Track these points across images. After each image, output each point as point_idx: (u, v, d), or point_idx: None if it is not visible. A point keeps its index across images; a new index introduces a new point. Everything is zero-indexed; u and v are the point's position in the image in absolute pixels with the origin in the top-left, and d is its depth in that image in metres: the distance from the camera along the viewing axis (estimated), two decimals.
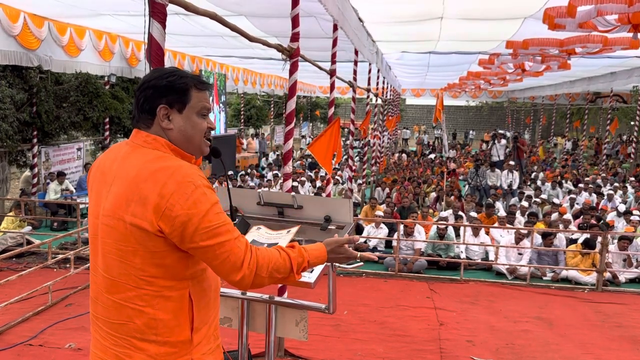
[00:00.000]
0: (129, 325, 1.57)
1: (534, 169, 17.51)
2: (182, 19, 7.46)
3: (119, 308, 1.57)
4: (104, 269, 1.59)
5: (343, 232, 2.41)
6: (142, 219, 1.50)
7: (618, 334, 5.38)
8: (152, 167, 1.54)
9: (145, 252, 1.53)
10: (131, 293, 1.55)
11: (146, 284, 1.55)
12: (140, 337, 1.57)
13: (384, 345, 4.84)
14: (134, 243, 1.53)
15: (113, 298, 1.58)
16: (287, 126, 4.82)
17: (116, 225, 1.55)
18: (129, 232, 1.52)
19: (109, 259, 1.58)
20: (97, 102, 10.58)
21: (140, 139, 1.63)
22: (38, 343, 4.68)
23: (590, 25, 5.55)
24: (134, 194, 1.52)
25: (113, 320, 1.59)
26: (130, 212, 1.52)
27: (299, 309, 2.50)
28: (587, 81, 17.78)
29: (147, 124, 1.64)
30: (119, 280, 1.56)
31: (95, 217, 1.63)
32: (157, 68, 1.73)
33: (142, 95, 1.62)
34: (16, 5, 7.38)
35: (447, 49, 10.85)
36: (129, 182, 1.54)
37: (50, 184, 9.99)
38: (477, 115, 41.21)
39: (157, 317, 1.56)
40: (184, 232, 1.50)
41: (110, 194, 1.58)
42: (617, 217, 9.65)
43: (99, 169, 1.69)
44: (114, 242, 1.56)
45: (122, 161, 1.61)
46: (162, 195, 1.49)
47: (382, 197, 11.83)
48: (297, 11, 4.52)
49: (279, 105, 27.46)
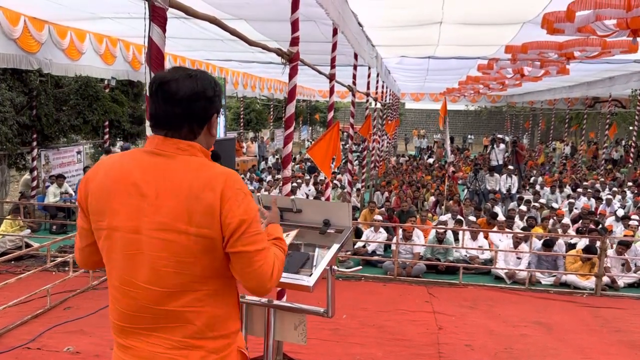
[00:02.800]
0: (187, 327, 1.58)
1: (533, 173, 17.53)
2: (182, 22, 7.48)
3: (176, 314, 1.57)
4: (154, 283, 1.55)
5: (342, 236, 2.42)
6: (210, 228, 1.52)
7: (617, 338, 5.38)
8: (203, 175, 1.54)
9: (206, 259, 1.55)
10: (189, 297, 1.56)
11: (203, 285, 1.57)
12: (199, 336, 1.59)
13: (383, 349, 4.84)
14: (196, 253, 1.53)
15: (168, 308, 1.56)
16: (286, 130, 4.84)
17: (176, 238, 1.52)
18: (193, 243, 1.52)
19: (163, 272, 1.54)
20: (97, 105, 10.59)
21: (172, 146, 1.59)
22: (36, 346, 4.67)
23: (589, 29, 5.57)
24: (197, 205, 1.51)
25: (168, 325, 1.58)
26: (195, 223, 1.51)
27: (297, 313, 2.50)
28: (586, 86, 17.82)
29: (196, 132, 1.63)
30: (174, 291, 1.56)
31: (132, 232, 1.55)
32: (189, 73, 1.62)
33: (199, 106, 1.60)
34: (16, 9, 7.41)
35: (446, 53, 10.88)
36: (185, 194, 1.51)
37: (50, 187, 9.99)
38: (476, 120, 41.26)
39: (214, 315, 1.60)
40: (232, 237, 1.53)
41: (161, 207, 1.52)
42: (615, 221, 9.66)
43: (118, 179, 1.58)
44: (172, 255, 1.53)
45: (163, 173, 1.55)
46: (222, 202, 1.51)
47: (381, 201, 11.84)
48: (296, 15, 4.54)
49: (278, 109, 27.48)
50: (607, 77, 15.80)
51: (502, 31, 7.99)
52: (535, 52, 7.33)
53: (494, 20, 7.40)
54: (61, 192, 10.00)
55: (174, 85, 1.57)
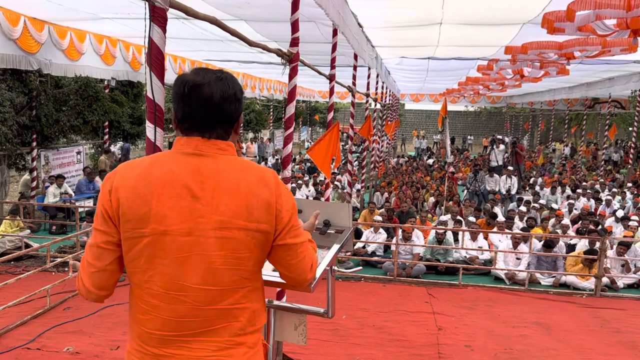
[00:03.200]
0: (233, 325, 1.61)
1: (533, 174, 17.54)
2: (182, 22, 7.48)
3: (225, 313, 1.60)
4: (208, 283, 1.56)
5: (342, 237, 2.42)
6: (267, 223, 1.58)
7: (616, 339, 5.38)
8: (254, 173, 1.61)
9: (259, 253, 1.61)
10: (238, 295, 1.60)
11: (248, 282, 1.62)
12: (242, 332, 1.63)
13: (383, 350, 4.84)
14: (252, 248, 1.58)
15: (219, 307, 1.58)
16: (286, 130, 4.84)
17: (236, 235, 1.55)
18: (250, 238, 1.57)
19: (220, 270, 1.55)
20: (97, 105, 10.59)
21: (212, 147, 1.61)
22: (36, 347, 4.67)
23: (589, 28, 5.59)
24: (255, 202, 1.56)
25: (215, 327, 1.59)
26: (254, 219, 1.56)
27: (297, 313, 2.50)
28: (586, 87, 17.83)
29: (228, 132, 1.67)
30: (228, 288, 1.58)
31: (185, 234, 1.52)
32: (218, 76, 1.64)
33: (231, 108, 1.64)
34: (16, 9, 7.41)
35: (446, 54, 10.89)
36: (242, 192, 1.56)
37: (49, 188, 9.98)
38: (476, 121, 41.30)
39: (254, 309, 1.65)
40: (283, 230, 1.62)
41: (219, 206, 1.54)
42: (615, 222, 9.66)
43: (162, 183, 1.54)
44: (230, 252, 1.55)
45: (212, 172, 1.56)
46: (276, 198, 1.60)
47: (380, 202, 11.84)
48: (296, 16, 4.55)
49: (278, 110, 27.50)
50: (606, 78, 15.81)
51: (502, 32, 8.00)
52: (535, 52, 7.33)
53: (493, 21, 7.41)
54: (61, 193, 10.00)
55: (207, 88, 1.59)
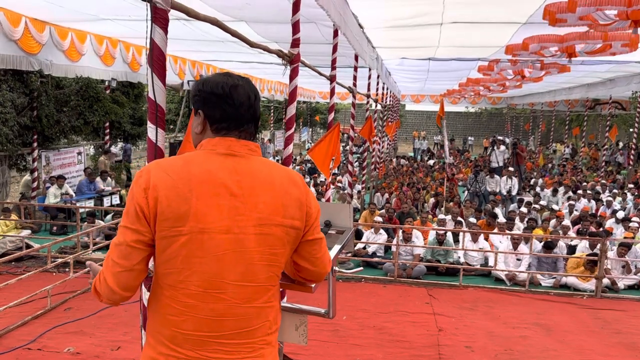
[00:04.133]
0: (265, 325, 1.64)
1: (533, 175, 17.53)
2: (183, 24, 7.50)
3: (259, 312, 1.63)
4: (247, 279, 1.58)
5: (343, 237, 2.42)
6: (300, 220, 1.66)
7: (617, 340, 5.38)
8: (285, 173, 1.69)
9: (289, 249, 1.68)
10: (270, 293, 1.65)
11: (277, 281, 1.68)
12: (270, 332, 1.67)
13: (383, 350, 4.84)
14: (286, 244, 1.65)
15: (255, 304, 1.61)
16: (287, 131, 4.84)
17: (273, 231, 1.61)
18: (285, 234, 1.63)
19: (258, 266, 1.60)
20: (98, 106, 10.60)
21: (244, 148, 1.66)
22: (37, 347, 4.68)
23: (590, 18, 5.62)
24: (288, 199, 1.64)
25: (251, 327, 1.61)
26: (289, 215, 1.63)
27: (298, 314, 2.50)
28: (586, 88, 17.83)
29: (255, 132, 1.74)
30: (263, 285, 1.63)
31: (224, 232, 1.54)
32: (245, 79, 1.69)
33: (258, 109, 1.73)
34: (18, 10, 7.42)
35: (446, 55, 10.89)
36: (277, 190, 1.63)
37: (50, 188, 9.99)
38: (476, 122, 41.27)
39: (277, 308, 1.71)
40: (312, 225, 1.70)
41: (257, 204, 1.58)
42: (615, 223, 9.66)
43: (200, 182, 1.55)
44: (268, 248, 1.60)
45: (248, 172, 1.61)
46: (305, 196, 1.68)
47: (381, 203, 11.84)
48: (297, 17, 4.55)
49: (279, 111, 27.50)
50: (607, 79, 15.80)
51: (503, 31, 8.01)
52: (537, 47, 7.32)
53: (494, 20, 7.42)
54: (61, 193, 10.00)
55: (244, 89, 1.67)
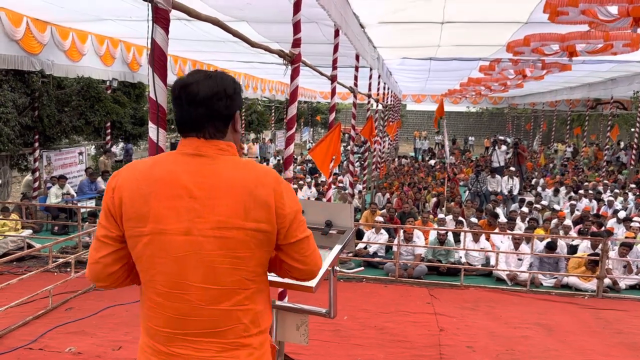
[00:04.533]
0: (237, 327, 1.62)
1: (534, 175, 17.52)
2: (184, 24, 7.50)
3: (228, 314, 1.60)
4: (209, 282, 1.58)
5: (344, 237, 2.42)
6: (266, 222, 1.59)
7: (618, 340, 5.37)
8: (254, 173, 1.61)
9: (260, 253, 1.62)
10: (240, 296, 1.61)
11: (252, 283, 1.63)
12: (247, 334, 1.63)
13: (384, 350, 4.84)
14: (252, 248, 1.59)
15: (222, 307, 1.59)
16: (288, 131, 4.84)
17: (234, 235, 1.56)
18: (250, 238, 1.58)
19: (220, 270, 1.57)
20: (99, 106, 10.61)
21: (213, 147, 1.63)
22: (38, 347, 4.68)
23: (592, 13, 5.62)
24: (252, 201, 1.57)
25: (219, 328, 1.60)
26: (252, 218, 1.57)
27: (299, 313, 2.50)
28: (588, 87, 17.81)
29: (223, 131, 1.67)
30: (229, 288, 1.59)
31: (183, 234, 1.55)
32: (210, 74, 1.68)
33: (220, 105, 1.64)
34: (19, 10, 7.43)
35: (447, 54, 10.89)
36: (239, 192, 1.57)
37: (52, 188, 10.00)
38: (478, 122, 41.23)
39: (257, 311, 1.66)
40: (290, 227, 1.64)
41: (216, 207, 1.56)
42: (616, 223, 9.65)
43: (162, 184, 1.57)
44: (229, 252, 1.57)
45: (210, 173, 1.58)
46: (276, 196, 1.60)
47: (382, 203, 11.84)
48: (298, 17, 4.55)
49: (280, 111, 27.50)
50: (609, 79, 15.79)
51: (504, 30, 8.00)
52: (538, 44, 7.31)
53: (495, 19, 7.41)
54: (63, 193, 10.02)
55: (195, 87, 1.62)
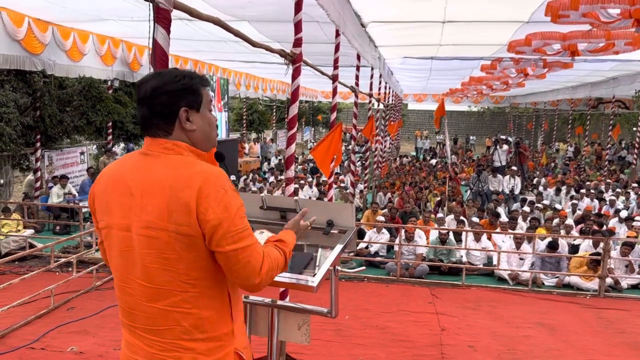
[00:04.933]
0: (176, 329, 1.60)
1: (536, 174, 17.50)
2: (186, 24, 7.50)
3: (165, 314, 1.60)
4: (145, 279, 1.60)
5: (345, 237, 2.42)
6: (188, 226, 1.54)
7: (620, 340, 5.37)
8: (185, 173, 1.56)
9: (189, 257, 1.57)
10: (177, 298, 1.59)
11: (191, 287, 1.59)
12: (189, 338, 1.61)
13: (385, 350, 4.84)
14: (178, 250, 1.56)
15: (158, 306, 1.60)
16: (289, 131, 4.84)
17: (159, 235, 1.56)
18: (174, 240, 1.55)
19: (151, 269, 1.58)
20: (100, 106, 10.61)
21: (159, 146, 1.63)
22: (40, 346, 4.69)
23: (593, 15, 5.62)
24: (175, 204, 1.54)
25: (158, 327, 1.61)
26: (173, 221, 1.54)
27: (301, 313, 2.50)
28: (590, 87, 17.79)
29: (167, 129, 1.64)
30: (163, 288, 1.59)
31: (125, 230, 1.61)
32: (158, 72, 1.69)
33: (158, 102, 1.62)
34: (21, 10, 7.43)
35: (449, 53, 10.88)
36: (166, 193, 1.55)
37: (53, 188, 10.02)
38: (479, 121, 41.19)
39: (202, 316, 1.61)
40: (213, 235, 1.55)
41: (146, 206, 1.57)
42: (618, 222, 9.63)
43: (114, 181, 1.65)
44: (158, 252, 1.57)
45: (147, 172, 1.60)
46: (199, 200, 1.53)
47: (383, 202, 11.83)
48: (299, 17, 4.56)
49: (281, 110, 27.50)
50: (610, 78, 15.77)
51: (505, 29, 7.99)
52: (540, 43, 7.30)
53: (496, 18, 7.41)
54: (64, 193, 10.03)
55: (143, 86, 1.64)
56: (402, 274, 7.27)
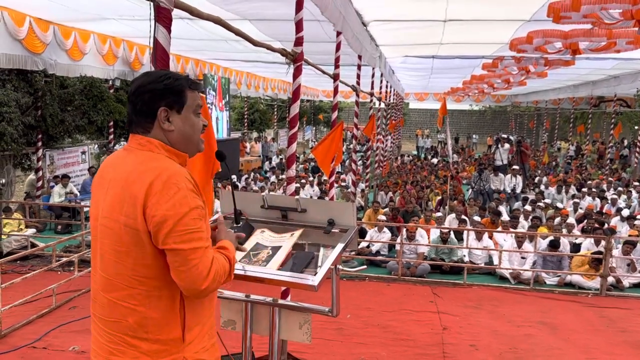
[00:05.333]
0: (122, 323, 1.61)
1: (538, 173, 17.48)
2: (187, 23, 7.50)
3: (113, 306, 1.62)
4: (102, 269, 1.64)
5: (346, 236, 2.42)
6: (134, 219, 1.55)
7: (622, 338, 5.36)
8: (142, 168, 1.59)
9: (137, 252, 1.57)
10: (124, 292, 1.60)
11: (138, 284, 1.59)
12: (133, 335, 1.61)
13: (387, 349, 4.84)
14: (127, 243, 1.58)
15: (108, 296, 1.63)
16: (290, 130, 4.84)
17: (112, 226, 1.60)
18: (123, 233, 1.57)
19: (106, 259, 1.63)
20: (102, 105, 10.63)
21: (135, 142, 1.68)
22: (42, 346, 4.70)
23: (595, 16, 5.62)
24: (126, 196, 1.57)
25: (108, 318, 1.64)
26: (124, 213, 1.57)
27: (302, 312, 2.50)
28: (591, 85, 17.75)
29: (147, 127, 1.67)
30: (114, 280, 1.62)
31: (95, 219, 1.69)
32: (147, 72, 1.74)
33: (139, 100, 1.65)
34: (22, 10, 7.44)
35: (450, 52, 10.87)
36: (122, 185, 1.59)
37: (55, 187, 10.03)
38: (480, 120, 41.15)
39: (147, 316, 1.60)
40: (158, 232, 1.53)
41: (107, 196, 1.63)
42: (620, 221, 9.62)
43: (99, 174, 1.75)
44: (111, 243, 1.61)
45: (118, 166, 1.66)
46: (147, 194, 1.54)
47: (385, 201, 11.82)
48: (300, 16, 4.55)
49: (282, 109, 27.49)
50: (612, 76, 15.73)
51: (506, 28, 7.98)
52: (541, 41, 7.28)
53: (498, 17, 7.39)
54: (66, 192, 10.04)
55: (132, 84, 1.71)
56: (403, 273, 7.27)
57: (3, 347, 4.64)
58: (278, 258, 2.26)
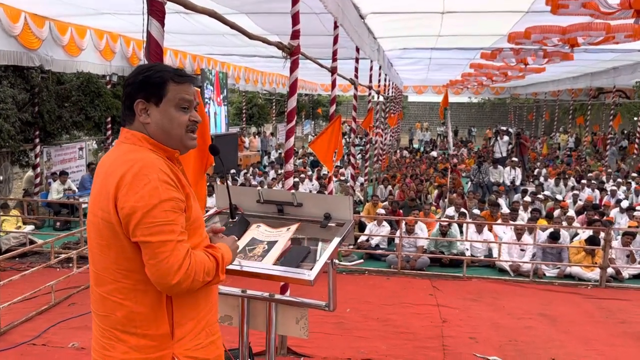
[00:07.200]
0: (111, 317, 1.62)
1: (537, 165, 17.46)
2: (183, 17, 7.45)
3: (103, 300, 1.63)
4: (92, 263, 1.66)
5: (343, 229, 2.41)
6: (108, 213, 1.54)
7: (622, 330, 5.36)
8: (119, 160, 1.58)
9: (117, 245, 1.56)
10: (111, 286, 1.60)
11: (123, 277, 1.58)
12: (122, 329, 1.61)
13: (387, 342, 4.84)
14: (107, 237, 1.57)
15: (98, 290, 1.64)
16: (288, 124, 4.81)
17: (94, 220, 1.61)
18: (102, 227, 1.57)
19: (93, 252, 1.63)
20: (99, 101, 10.58)
21: (122, 135, 1.69)
22: (41, 342, 4.70)
23: (593, 5, 5.58)
24: (104, 189, 1.57)
25: (99, 312, 1.65)
26: (101, 207, 1.57)
27: (299, 307, 2.49)
28: (590, 77, 17.71)
29: (130, 120, 1.67)
30: (101, 274, 1.62)
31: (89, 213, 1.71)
32: (139, 65, 1.75)
33: (124, 93, 1.67)
34: (17, 5, 7.39)
35: (448, 44, 10.82)
36: (102, 178, 1.60)
37: (53, 184, 10.01)
38: (479, 112, 41.04)
39: (135, 310, 1.59)
40: (128, 224, 1.51)
41: (93, 191, 1.65)
42: (619, 213, 9.61)
43: (95, 170, 1.76)
44: (95, 237, 1.62)
45: (104, 159, 1.68)
46: (118, 186, 1.53)
47: (384, 195, 11.80)
48: (297, 8, 4.52)
49: (280, 104, 27.43)
50: (611, 68, 15.69)
51: (505, 20, 7.94)
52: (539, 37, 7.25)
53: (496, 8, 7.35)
54: (64, 189, 10.02)
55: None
56: (403, 266, 7.27)
57: (2, 344, 4.64)
58: (274, 253, 2.25)
